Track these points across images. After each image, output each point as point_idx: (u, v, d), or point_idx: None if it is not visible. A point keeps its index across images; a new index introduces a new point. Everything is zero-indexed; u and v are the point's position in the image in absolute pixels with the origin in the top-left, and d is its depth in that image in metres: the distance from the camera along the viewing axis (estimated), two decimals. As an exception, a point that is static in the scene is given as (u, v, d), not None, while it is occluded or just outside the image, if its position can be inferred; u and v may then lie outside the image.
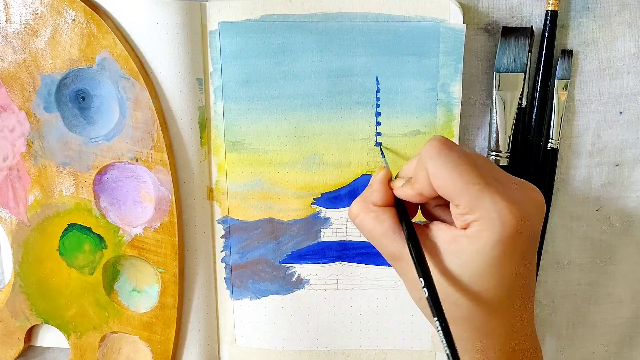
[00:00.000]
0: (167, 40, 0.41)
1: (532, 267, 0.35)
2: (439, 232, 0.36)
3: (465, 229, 0.34)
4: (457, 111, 0.43)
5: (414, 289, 0.37)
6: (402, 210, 0.37)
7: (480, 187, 0.32)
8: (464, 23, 0.42)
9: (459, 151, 0.34)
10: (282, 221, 0.45)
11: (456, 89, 0.43)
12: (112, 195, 0.44)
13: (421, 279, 0.34)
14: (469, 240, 0.33)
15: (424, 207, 0.39)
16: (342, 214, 0.45)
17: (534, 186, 0.36)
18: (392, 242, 0.36)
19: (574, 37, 0.44)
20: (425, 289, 0.33)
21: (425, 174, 0.34)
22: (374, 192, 0.38)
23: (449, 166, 0.33)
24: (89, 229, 0.44)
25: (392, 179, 0.39)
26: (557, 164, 0.45)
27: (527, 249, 0.34)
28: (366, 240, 0.39)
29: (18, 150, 0.43)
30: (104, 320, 0.46)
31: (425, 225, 0.37)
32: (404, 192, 0.37)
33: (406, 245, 0.35)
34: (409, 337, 0.47)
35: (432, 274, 0.34)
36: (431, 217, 0.39)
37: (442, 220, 0.37)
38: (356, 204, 0.38)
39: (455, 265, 0.34)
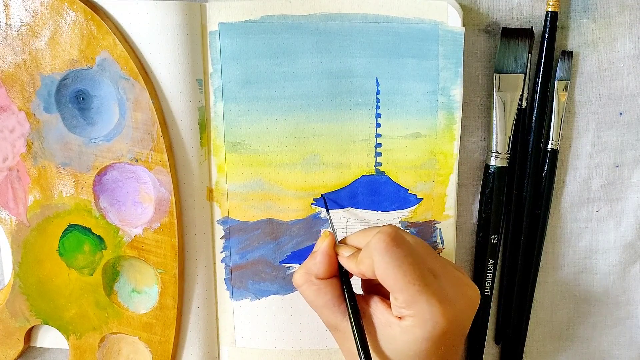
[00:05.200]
0: (167, 41, 0.41)
1: (457, 355, 0.38)
2: (376, 312, 0.37)
3: (400, 318, 0.36)
4: (458, 115, 0.43)
5: (349, 356, 0.39)
6: (345, 281, 0.39)
7: (419, 287, 0.35)
8: (463, 25, 0.42)
9: (406, 248, 0.36)
10: (282, 222, 0.45)
11: (457, 93, 0.43)
12: (112, 196, 0.44)
13: (360, 354, 0.36)
14: (402, 332, 0.35)
15: (364, 279, 0.41)
16: (341, 214, 0.45)
17: (472, 283, 0.38)
18: (332, 314, 0.38)
19: (574, 38, 0.44)
20: None
21: (371, 262, 0.36)
22: (317, 264, 0.39)
23: (394, 264, 0.35)
24: (89, 229, 0.44)
25: (337, 243, 0.40)
26: (557, 165, 0.45)
27: (453, 343, 0.36)
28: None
29: (18, 151, 0.43)
30: (104, 321, 0.46)
31: (364, 299, 0.39)
32: (348, 265, 0.39)
33: (344, 318, 0.38)
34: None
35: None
36: (368, 288, 0.41)
37: (378, 292, 0.39)
38: (299, 274, 0.39)
39: (389, 349, 0.36)
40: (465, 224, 0.47)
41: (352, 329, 0.37)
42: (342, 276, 0.39)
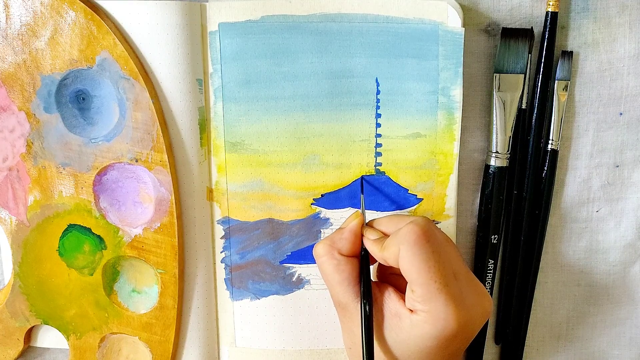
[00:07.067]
0: (167, 40, 0.41)
1: (459, 358, 0.38)
2: (388, 301, 0.37)
3: (412, 311, 0.36)
4: (458, 115, 0.43)
5: (349, 338, 0.39)
6: (364, 264, 0.39)
7: (439, 286, 0.35)
8: (463, 25, 0.42)
9: (435, 245, 0.36)
10: (282, 221, 0.45)
11: (457, 93, 0.43)
12: (112, 196, 0.44)
13: (363, 340, 0.36)
14: (412, 325, 0.35)
15: (380, 266, 0.41)
16: (342, 214, 0.45)
17: (487, 293, 0.38)
18: (345, 293, 0.38)
19: (574, 38, 0.44)
20: (364, 351, 0.36)
21: (397, 250, 0.36)
22: (342, 239, 0.39)
23: (420, 259, 0.35)
24: (89, 229, 0.44)
25: (366, 224, 0.40)
26: (557, 165, 0.45)
27: (459, 347, 0.37)
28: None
29: (18, 151, 0.43)
30: (104, 321, 0.46)
31: (379, 287, 0.39)
32: (372, 249, 0.39)
33: (355, 299, 0.38)
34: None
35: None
36: (383, 277, 0.41)
37: (391, 283, 0.39)
38: (322, 245, 0.39)
39: (392, 339, 0.36)
40: (465, 224, 0.47)
41: (360, 312, 0.37)
42: (362, 258, 0.39)
